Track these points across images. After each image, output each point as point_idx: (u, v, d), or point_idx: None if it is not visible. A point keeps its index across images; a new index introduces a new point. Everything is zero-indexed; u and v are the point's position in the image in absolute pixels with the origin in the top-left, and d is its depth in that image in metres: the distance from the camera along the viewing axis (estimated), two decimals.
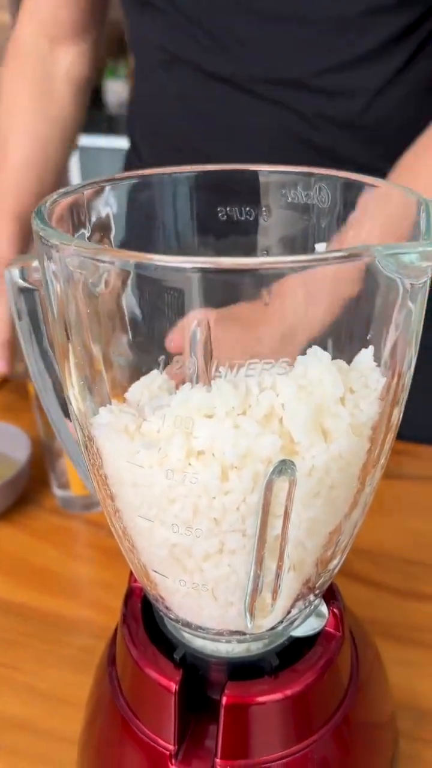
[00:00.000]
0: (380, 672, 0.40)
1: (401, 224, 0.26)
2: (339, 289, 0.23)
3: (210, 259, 0.20)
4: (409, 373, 0.27)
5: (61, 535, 0.60)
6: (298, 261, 0.20)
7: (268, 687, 0.31)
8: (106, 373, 0.27)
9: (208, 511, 0.25)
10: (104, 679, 0.37)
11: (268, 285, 0.22)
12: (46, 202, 0.26)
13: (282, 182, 0.30)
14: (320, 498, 0.25)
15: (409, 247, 0.21)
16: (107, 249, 0.22)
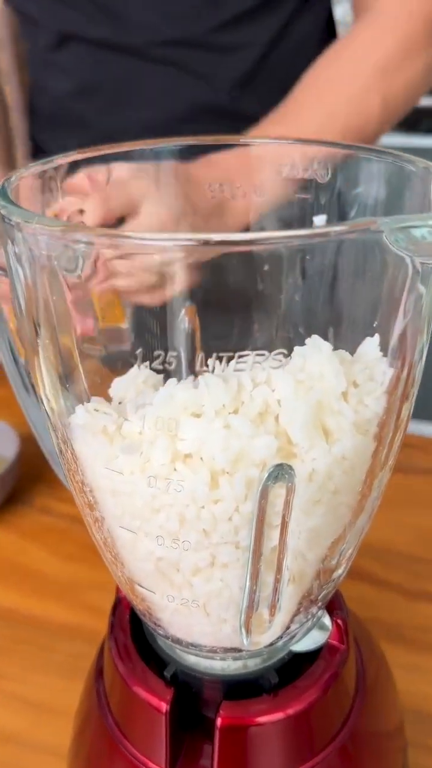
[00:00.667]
0: (387, 679, 0.38)
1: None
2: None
3: (198, 235, 0.17)
4: (421, 363, 0.25)
5: (51, 534, 0.57)
6: (296, 236, 0.18)
7: (266, 706, 0.29)
8: (83, 368, 0.24)
9: (196, 521, 0.22)
10: (92, 694, 0.34)
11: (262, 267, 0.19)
12: (11, 177, 0.23)
13: (278, 154, 0.27)
14: (322, 505, 0.23)
15: (422, 219, 0.18)
16: (78, 226, 0.19)
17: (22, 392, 0.29)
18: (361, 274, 0.21)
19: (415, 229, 0.18)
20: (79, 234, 0.19)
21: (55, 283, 0.21)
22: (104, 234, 0.18)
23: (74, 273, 0.21)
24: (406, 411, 0.25)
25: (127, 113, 0.66)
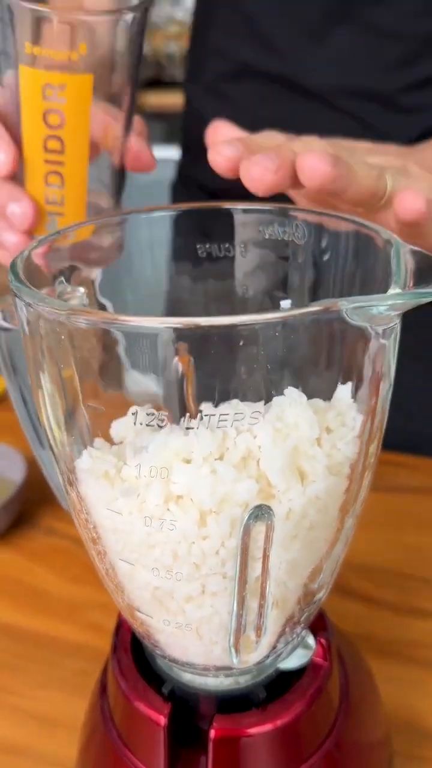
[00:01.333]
0: (372, 693, 0.41)
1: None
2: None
3: (185, 320, 0.20)
4: (386, 407, 0.28)
5: (57, 556, 0.60)
6: (270, 318, 0.21)
7: (256, 719, 0.31)
8: (86, 415, 0.27)
9: (187, 556, 0.25)
10: (97, 709, 0.37)
11: (243, 338, 0.22)
12: (22, 254, 0.26)
13: (258, 218, 0.31)
14: (299, 540, 0.26)
15: (378, 299, 0.21)
16: (82, 311, 0.22)
17: (35, 443, 0.32)
18: (327, 337, 0.24)
19: (372, 308, 0.21)
20: (82, 317, 0.22)
21: (57, 345, 0.24)
22: (105, 319, 0.21)
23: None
24: (374, 451, 0.28)
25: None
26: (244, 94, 0.67)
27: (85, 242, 0.30)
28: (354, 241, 0.28)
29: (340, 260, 0.29)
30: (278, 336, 0.22)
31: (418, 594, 0.56)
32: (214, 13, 0.67)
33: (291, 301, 0.30)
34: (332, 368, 0.26)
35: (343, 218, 0.29)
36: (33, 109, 0.36)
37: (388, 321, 0.23)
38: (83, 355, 0.25)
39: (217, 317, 0.20)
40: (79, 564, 0.59)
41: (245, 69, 0.65)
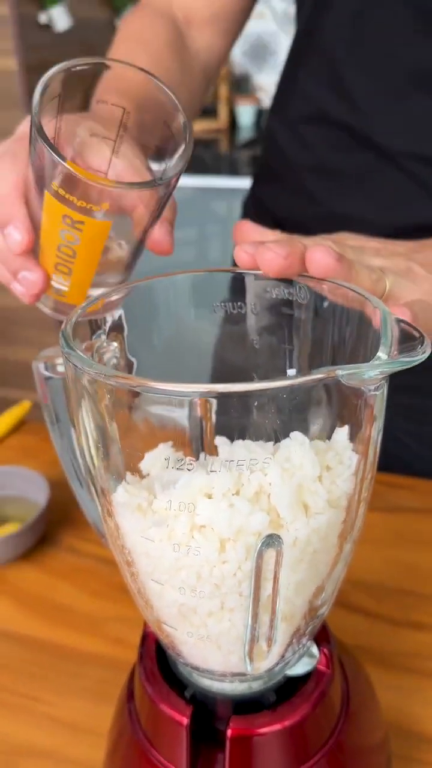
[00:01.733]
0: (372, 699, 0.45)
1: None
2: None
3: (204, 387, 0.25)
4: (378, 447, 0.32)
5: (78, 573, 0.64)
6: (278, 385, 0.25)
7: (267, 720, 0.36)
8: (121, 453, 0.32)
9: (209, 577, 0.29)
10: (124, 713, 0.41)
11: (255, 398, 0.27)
12: (71, 320, 0.31)
13: (266, 283, 0.35)
14: (304, 563, 0.30)
15: (369, 367, 0.26)
16: (118, 375, 0.27)
17: (75, 481, 0.37)
18: (326, 393, 0.28)
19: (363, 373, 0.26)
20: (122, 381, 0.27)
21: (96, 389, 0.29)
22: (140, 384, 0.26)
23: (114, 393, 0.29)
24: (367, 487, 0.32)
25: (356, 201, 0.69)
26: (319, 138, 0.70)
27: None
28: (351, 304, 0.33)
29: (337, 318, 0.34)
30: (285, 396, 0.27)
31: (415, 608, 0.60)
32: (305, 55, 0.70)
33: (295, 370, 0.34)
34: (331, 415, 0.31)
35: (340, 285, 0.33)
36: (52, 225, 0.39)
37: (377, 381, 0.27)
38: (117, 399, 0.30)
39: (233, 384, 0.25)
40: (99, 580, 0.63)
41: (324, 116, 0.68)
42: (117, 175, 0.41)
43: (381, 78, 0.63)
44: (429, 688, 0.53)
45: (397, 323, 0.29)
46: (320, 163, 0.71)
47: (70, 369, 0.30)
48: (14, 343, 2.15)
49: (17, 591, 0.63)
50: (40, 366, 0.35)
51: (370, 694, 0.45)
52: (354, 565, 0.62)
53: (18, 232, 0.40)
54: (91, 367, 0.27)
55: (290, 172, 0.77)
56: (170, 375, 0.38)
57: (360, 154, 0.67)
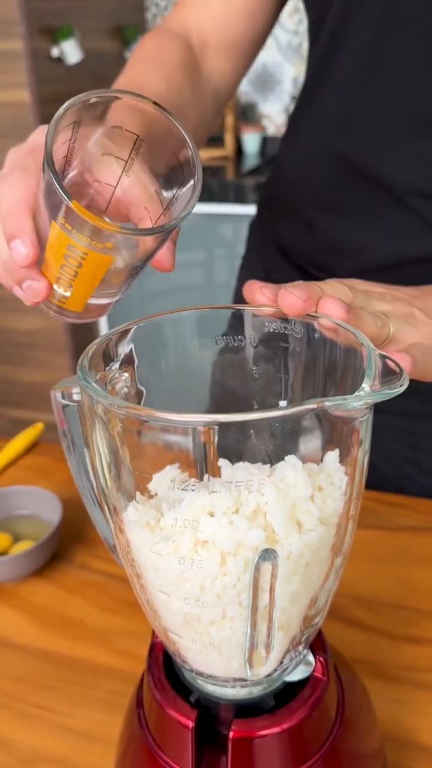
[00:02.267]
0: (367, 708, 0.47)
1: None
2: None
3: (205, 417, 0.28)
4: (365, 468, 0.35)
5: (90, 589, 0.67)
6: (272, 415, 0.29)
7: (267, 723, 0.38)
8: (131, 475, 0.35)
9: (211, 588, 0.32)
10: (133, 719, 0.44)
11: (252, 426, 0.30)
12: (87, 353, 0.34)
13: (264, 319, 0.39)
14: (298, 575, 0.33)
15: (353, 399, 0.29)
16: (128, 406, 0.30)
17: (89, 502, 0.40)
18: (317, 421, 0.31)
19: (348, 404, 0.29)
20: (133, 412, 0.30)
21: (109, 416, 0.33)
22: (149, 415, 0.29)
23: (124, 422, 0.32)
24: (355, 506, 0.35)
25: (360, 234, 0.72)
26: (325, 172, 0.73)
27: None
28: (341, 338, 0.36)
29: (327, 351, 0.37)
30: (278, 424, 0.30)
31: (412, 623, 0.62)
32: (316, 90, 0.73)
33: (286, 402, 0.38)
34: (322, 440, 0.34)
35: (335, 323, 0.37)
36: (57, 247, 0.40)
37: (362, 410, 0.31)
38: (128, 427, 0.33)
39: (233, 414, 0.28)
40: (109, 596, 0.66)
41: (332, 151, 0.71)
42: (124, 190, 0.43)
43: (390, 117, 0.65)
44: (424, 700, 0.55)
45: (380, 358, 0.32)
46: (326, 197, 0.74)
47: (86, 398, 0.33)
48: (27, 365, 2.20)
49: (31, 606, 0.65)
50: (58, 395, 0.38)
51: (366, 703, 0.47)
52: (354, 581, 0.66)
53: (24, 246, 0.41)
54: (105, 399, 0.30)
55: (295, 202, 0.80)
56: (177, 402, 0.41)
57: (365, 190, 0.70)
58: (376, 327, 0.41)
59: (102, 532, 0.41)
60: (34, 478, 0.84)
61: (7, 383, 2.26)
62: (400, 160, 0.66)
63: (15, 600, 0.66)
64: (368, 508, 0.77)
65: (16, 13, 1.75)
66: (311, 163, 0.75)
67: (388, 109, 0.65)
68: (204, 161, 2.26)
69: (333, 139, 0.71)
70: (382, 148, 0.67)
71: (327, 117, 0.71)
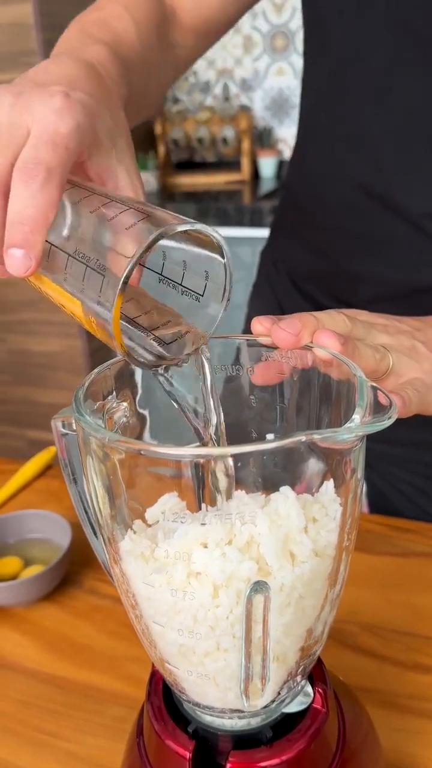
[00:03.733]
0: (372, 739, 0.47)
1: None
2: None
3: (200, 450, 0.29)
4: (360, 499, 0.35)
5: (98, 614, 0.67)
6: (261, 448, 0.29)
7: (265, 755, 0.38)
8: (126, 505, 0.36)
9: (204, 620, 0.32)
10: (134, 748, 0.44)
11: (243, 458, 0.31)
12: (83, 385, 0.35)
13: (261, 348, 0.39)
14: (291, 607, 0.33)
15: (343, 431, 0.29)
16: (124, 441, 0.31)
17: (89, 531, 0.40)
18: (308, 452, 0.32)
19: (338, 436, 0.29)
20: (123, 445, 0.30)
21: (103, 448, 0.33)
22: (141, 448, 0.30)
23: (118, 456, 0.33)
24: (352, 538, 0.35)
25: (371, 262, 0.72)
26: (336, 197, 0.72)
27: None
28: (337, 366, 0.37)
29: (320, 379, 0.38)
30: (269, 456, 0.30)
31: (422, 651, 0.61)
32: (326, 113, 0.72)
33: (273, 435, 0.38)
34: (318, 470, 0.34)
35: (325, 351, 0.37)
36: (54, 296, 0.37)
37: (352, 443, 0.31)
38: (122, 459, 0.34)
39: (225, 448, 0.28)
40: (117, 621, 0.66)
41: (343, 175, 0.70)
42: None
43: (404, 140, 0.65)
44: None
45: (372, 390, 0.32)
46: (337, 222, 0.74)
47: (80, 430, 0.33)
48: (47, 386, 2.22)
49: (40, 630, 0.66)
50: (58, 424, 0.39)
51: (371, 733, 0.47)
52: (362, 608, 0.65)
53: (26, 260, 0.35)
54: (97, 432, 0.31)
55: (305, 228, 0.80)
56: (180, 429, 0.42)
57: (378, 215, 0.69)
58: (375, 360, 0.41)
59: (102, 560, 0.42)
60: (46, 502, 0.85)
61: (28, 404, 2.28)
62: (415, 184, 0.66)
63: (25, 624, 0.67)
64: (378, 533, 0.76)
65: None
66: (323, 188, 0.75)
67: (402, 131, 0.64)
68: (220, 185, 2.29)
69: (344, 161, 0.70)
70: (399, 173, 0.66)
71: (337, 140, 0.71)
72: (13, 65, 1.88)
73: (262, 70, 2.36)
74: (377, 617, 0.65)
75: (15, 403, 2.30)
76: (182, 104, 2.51)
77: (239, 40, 2.34)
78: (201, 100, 2.48)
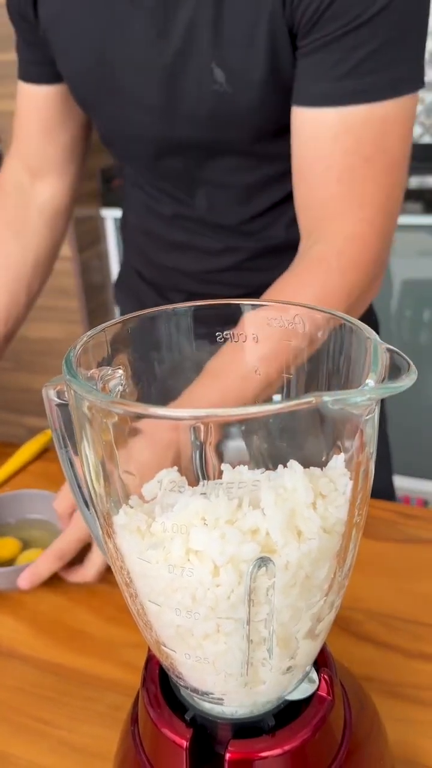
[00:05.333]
0: (378, 730, 0.45)
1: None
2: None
3: (201, 412, 0.26)
4: (371, 472, 0.33)
5: (94, 598, 0.65)
6: (265, 411, 0.26)
7: (266, 744, 0.36)
8: (121, 478, 0.33)
9: (204, 600, 0.30)
10: (128, 737, 0.42)
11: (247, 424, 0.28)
12: (75, 347, 0.32)
13: (267, 314, 0.37)
14: (297, 587, 0.31)
15: (356, 393, 0.27)
16: (117, 402, 0.28)
17: (81, 503, 0.38)
18: (318, 418, 0.29)
19: (350, 399, 0.27)
20: (120, 407, 0.28)
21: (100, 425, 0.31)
22: (139, 410, 0.27)
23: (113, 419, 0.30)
24: (363, 514, 0.33)
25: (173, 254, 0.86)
26: (136, 199, 0.89)
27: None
28: (342, 332, 0.34)
29: (332, 345, 0.35)
30: (275, 421, 0.28)
31: (427, 640, 0.59)
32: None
33: (280, 397, 0.35)
34: (327, 442, 0.32)
35: (333, 314, 0.34)
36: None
37: (366, 407, 0.28)
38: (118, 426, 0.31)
39: (227, 409, 0.26)
40: (114, 605, 0.64)
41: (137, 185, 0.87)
42: None
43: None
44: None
45: (387, 352, 0.30)
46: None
47: (71, 396, 0.31)
48: (44, 373, 2.20)
49: (36, 615, 0.64)
50: (51, 392, 0.37)
51: (377, 724, 0.45)
52: (368, 595, 0.63)
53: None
54: (90, 393, 0.28)
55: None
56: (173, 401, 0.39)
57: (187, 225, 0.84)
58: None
59: (96, 537, 0.39)
60: (44, 485, 0.82)
61: (26, 391, 2.26)
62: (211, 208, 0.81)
63: (20, 609, 0.65)
64: (385, 519, 0.74)
65: None
66: (139, 192, 0.88)
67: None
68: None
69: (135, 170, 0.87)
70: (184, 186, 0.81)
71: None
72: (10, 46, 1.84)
73: None
74: (382, 605, 0.63)
75: (14, 390, 2.28)
76: None
77: None
78: None
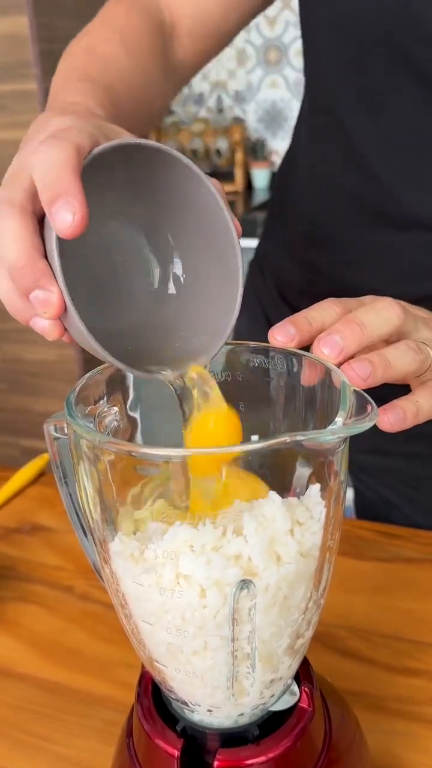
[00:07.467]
0: (359, 740, 0.47)
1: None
2: None
3: (189, 451, 0.30)
4: (343, 501, 0.36)
5: (88, 619, 0.68)
6: (246, 449, 0.30)
7: (251, 752, 0.39)
8: (117, 507, 0.37)
9: (192, 619, 0.33)
10: (124, 748, 0.45)
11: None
12: (74, 390, 0.36)
13: (248, 354, 0.40)
14: (276, 607, 0.34)
15: (327, 433, 0.30)
16: (112, 441, 0.32)
17: (79, 531, 0.41)
18: (292, 454, 0.33)
19: (321, 437, 0.30)
20: (114, 446, 0.31)
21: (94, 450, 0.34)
22: (131, 449, 0.31)
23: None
24: (337, 538, 0.36)
25: (365, 274, 0.71)
26: (328, 209, 0.73)
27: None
28: None
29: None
30: (254, 456, 0.31)
31: (410, 655, 0.62)
32: (316, 124, 0.72)
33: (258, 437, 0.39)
34: (302, 473, 0.35)
35: (309, 357, 0.38)
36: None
37: (335, 444, 0.32)
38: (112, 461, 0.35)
39: (209, 449, 0.29)
40: (108, 626, 0.66)
41: (335, 186, 0.71)
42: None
43: (395, 150, 0.65)
44: (420, 734, 0.55)
45: (354, 393, 0.33)
46: (327, 235, 0.74)
47: (71, 433, 0.34)
48: (41, 395, 2.22)
49: (32, 635, 0.66)
50: (50, 428, 0.40)
51: (358, 735, 0.47)
52: (351, 612, 0.66)
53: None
54: (88, 434, 0.32)
55: (294, 242, 0.80)
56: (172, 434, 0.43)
57: (371, 227, 0.69)
58: (416, 363, 0.40)
59: (92, 562, 0.42)
60: (40, 508, 0.86)
61: (22, 413, 2.28)
62: (412, 191, 0.65)
63: (16, 628, 0.67)
64: (368, 539, 0.77)
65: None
66: (313, 199, 0.75)
67: (395, 138, 0.64)
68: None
69: (335, 171, 0.71)
70: (392, 180, 0.66)
71: (328, 150, 0.71)
72: (11, 77, 1.90)
73: (255, 82, 2.39)
74: (366, 622, 0.66)
75: (9, 412, 2.30)
76: (176, 116, 2.54)
77: (233, 53, 2.37)
78: (195, 111, 2.51)
